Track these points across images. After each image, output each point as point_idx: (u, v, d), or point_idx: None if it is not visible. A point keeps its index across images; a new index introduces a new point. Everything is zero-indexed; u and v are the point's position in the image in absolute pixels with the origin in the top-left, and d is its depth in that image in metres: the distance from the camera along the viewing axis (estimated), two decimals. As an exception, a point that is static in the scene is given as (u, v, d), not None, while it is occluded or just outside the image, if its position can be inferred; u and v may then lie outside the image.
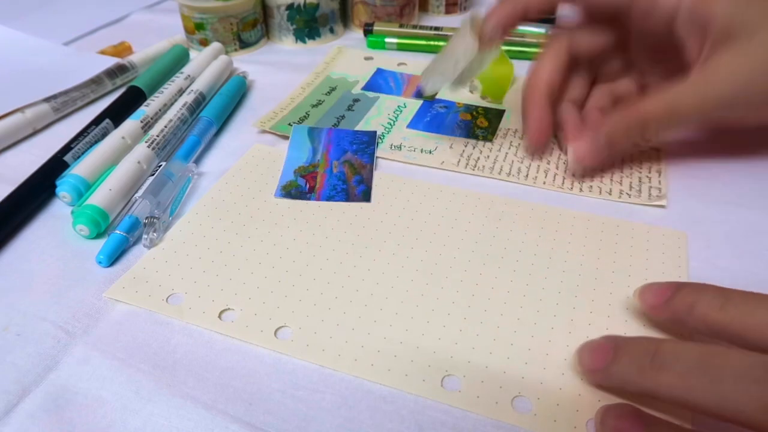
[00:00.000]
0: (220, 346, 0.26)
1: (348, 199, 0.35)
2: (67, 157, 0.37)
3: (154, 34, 0.54)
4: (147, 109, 0.40)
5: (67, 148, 0.37)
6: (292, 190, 0.35)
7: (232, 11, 0.50)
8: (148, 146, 0.37)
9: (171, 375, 0.25)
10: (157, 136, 0.38)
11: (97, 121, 0.40)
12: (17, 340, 0.27)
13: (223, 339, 0.27)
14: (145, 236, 0.31)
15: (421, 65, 0.49)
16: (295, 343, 0.26)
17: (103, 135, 0.39)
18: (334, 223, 0.33)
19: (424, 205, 0.34)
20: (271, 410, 0.24)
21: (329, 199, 0.35)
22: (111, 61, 0.48)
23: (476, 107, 0.43)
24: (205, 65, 0.47)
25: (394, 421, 0.23)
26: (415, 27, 0.53)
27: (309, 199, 0.35)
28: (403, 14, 0.56)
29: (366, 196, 0.35)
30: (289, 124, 0.41)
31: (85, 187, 0.34)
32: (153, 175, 0.35)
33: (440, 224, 0.33)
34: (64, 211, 0.34)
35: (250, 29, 0.52)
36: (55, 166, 0.36)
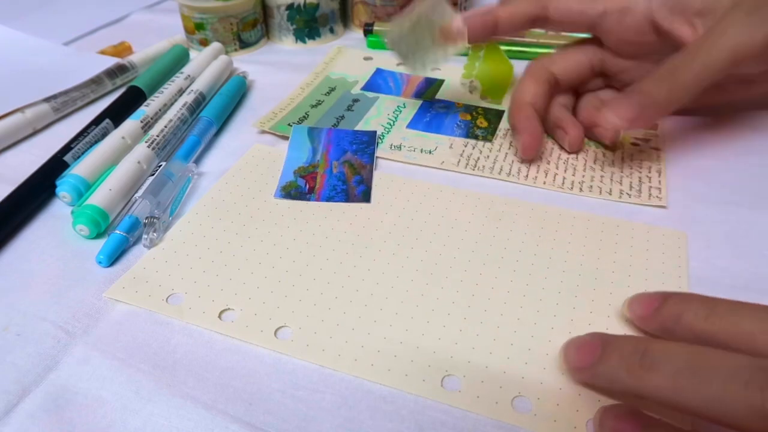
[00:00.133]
0: (220, 346, 0.26)
1: (348, 199, 0.35)
2: (67, 157, 0.37)
3: (154, 34, 0.54)
4: (147, 109, 0.40)
5: (67, 148, 0.37)
6: (292, 191, 0.35)
7: (232, 11, 0.50)
8: (148, 146, 0.37)
9: (171, 375, 0.25)
10: (157, 136, 0.38)
11: (97, 121, 0.40)
12: (17, 340, 0.27)
13: (223, 339, 0.27)
14: (145, 236, 0.31)
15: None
16: (295, 343, 0.26)
17: (103, 135, 0.39)
18: (334, 223, 0.33)
19: (424, 205, 0.34)
20: (271, 410, 0.24)
21: (329, 199, 0.35)
22: (111, 61, 0.48)
23: (476, 107, 0.43)
24: (205, 65, 0.47)
25: (394, 421, 0.23)
26: (415, 27, 0.53)
27: (309, 200, 0.35)
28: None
29: (366, 197, 0.35)
30: (289, 125, 0.41)
31: (85, 187, 0.34)
32: (153, 175, 0.35)
33: (440, 224, 0.33)
34: (64, 211, 0.34)
35: (250, 29, 0.52)
36: (55, 166, 0.36)
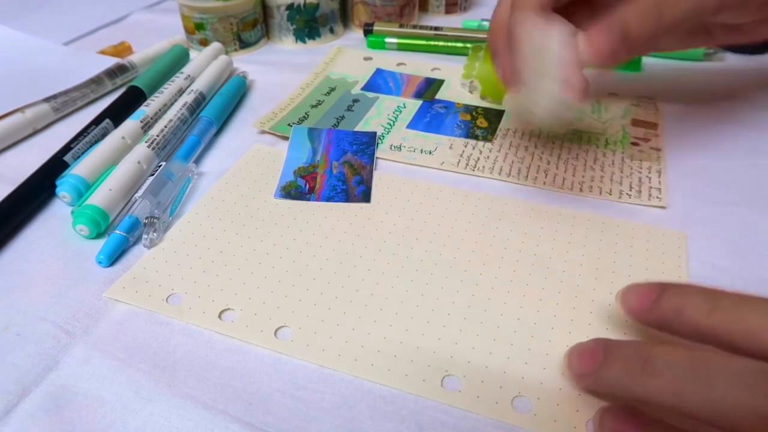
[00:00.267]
0: (220, 346, 0.26)
1: (348, 199, 0.35)
2: (67, 157, 0.37)
3: (154, 34, 0.54)
4: (147, 109, 0.40)
5: (67, 148, 0.37)
6: (292, 191, 0.35)
7: (232, 11, 0.50)
8: (148, 146, 0.37)
9: (171, 375, 0.25)
10: (157, 136, 0.38)
11: (97, 121, 0.40)
12: (17, 340, 0.27)
13: (223, 339, 0.27)
14: (145, 236, 0.31)
15: (420, 65, 0.49)
16: (295, 343, 0.26)
17: (103, 135, 0.39)
18: (334, 223, 0.33)
19: (424, 205, 0.34)
20: (271, 410, 0.24)
21: (329, 199, 0.35)
22: (111, 61, 0.48)
23: (476, 107, 0.43)
24: (205, 65, 0.47)
25: (394, 421, 0.23)
26: (415, 27, 0.53)
27: (309, 200, 0.35)
28: (403, 14, 0.56)
29: (366, 197, 0.35)
30: (289, 125, 0.41)
31: (85, 187, 0.34)
32: (153, 175, 0.35)
33: (440, 224, 0.33)
34: (64, 211, 0.34)
35: (250, 29, 0.52)
36: (55, 166, 0.36)
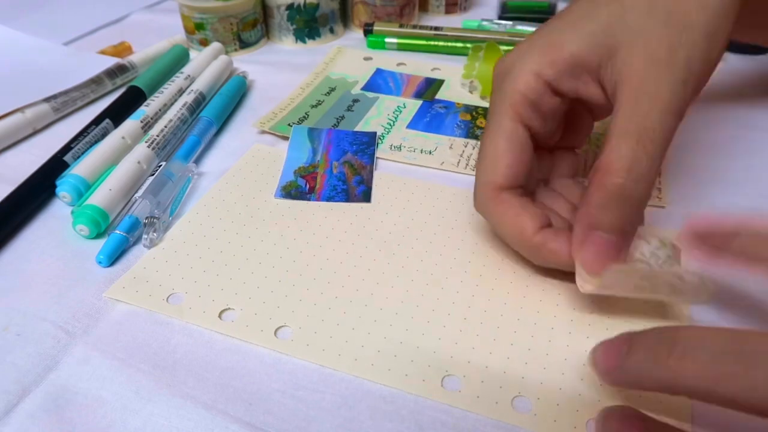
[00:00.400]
0: (220, 346, 0.26)
1: (348, 199, 0.35)
2: (67, 157, 0.37)
3: (154, 34, 0.54)
4: (147, 109, 0.40)
5: (67, 148, 0.37)
6: (292, 191, 0.35)
7: (232, 11, 0.50)
8: (148, 146, 0.37)
9: (171, 375, 0.25)
10: (157, 136, 0.38)
11: (97, 121, 0.40)
12: (17, 340, 0.27)
13: (223, 339, 0.27)
14: (145, 236, 0.31)
15: (420, 65, 0.49)
16: (295, 343, 0.26)
17: (103, 135, 0.39)
18: (334, 223, 0.33)
19: (424, 206, 0.34)
20: (271, 410, 0.24)
21: (329, 199, 0.35)
22: (111, 61, 0.48)
23: (476, 107, 0.43)
24: (205, 65, 0.47)
25: (394, 421, 0.23)
26: (415, 27, 0.53)
27: (309, 200, 0.35)
28: (403, 14, 0.56)
29: (366, 197, 0.35)
30: (289, 125, 0.41)
31: (85, 187, 0.34)
32: (153, 175, 0.35)
33: (440, 224, 0.33)
34: (64, 211, 0.34)
35: (250, 29, 0.52)
36: (55, 166, 0.36)
